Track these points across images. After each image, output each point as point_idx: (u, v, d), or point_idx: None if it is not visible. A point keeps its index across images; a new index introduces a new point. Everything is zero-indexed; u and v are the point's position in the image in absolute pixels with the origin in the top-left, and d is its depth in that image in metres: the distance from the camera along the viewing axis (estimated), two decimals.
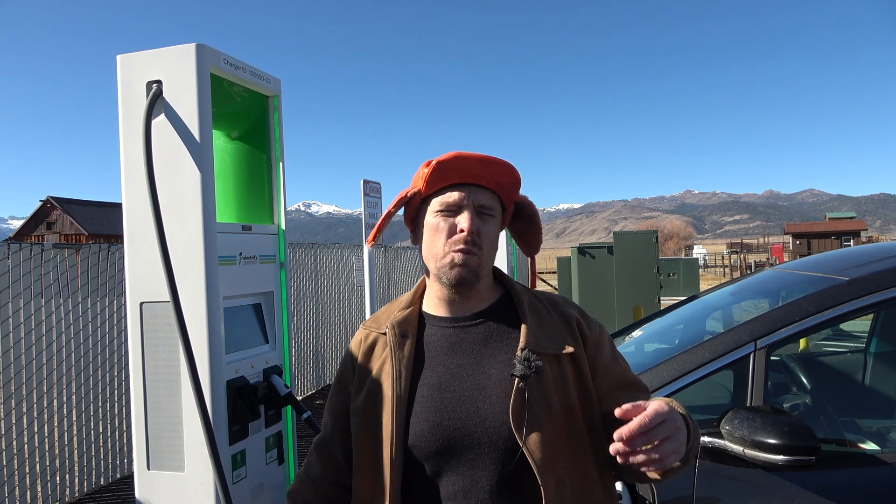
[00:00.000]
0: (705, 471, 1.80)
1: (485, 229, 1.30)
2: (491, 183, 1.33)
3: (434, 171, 1.30)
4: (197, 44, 1.96)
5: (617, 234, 9.03)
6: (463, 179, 1.31)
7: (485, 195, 1.32)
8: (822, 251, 8.78)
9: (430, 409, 1.26)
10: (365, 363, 1.38)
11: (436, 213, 1.32)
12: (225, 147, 2.42)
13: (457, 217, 1.30)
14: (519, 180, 1.36)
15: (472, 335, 1.32)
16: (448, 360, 1.30)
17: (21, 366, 4.30)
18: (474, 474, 1.22)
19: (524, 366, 1.22)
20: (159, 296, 1.97)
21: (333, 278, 8.98)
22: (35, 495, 4.42)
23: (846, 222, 69.21)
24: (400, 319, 1.36)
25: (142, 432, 2.02)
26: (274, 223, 2.38)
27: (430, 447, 1.24)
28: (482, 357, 1.29)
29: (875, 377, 2.83)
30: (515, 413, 1.20)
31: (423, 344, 1.34)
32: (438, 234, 1.31)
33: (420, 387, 1.29)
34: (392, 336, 1.33)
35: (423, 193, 1.34)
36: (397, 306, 1.42)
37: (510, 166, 1.34)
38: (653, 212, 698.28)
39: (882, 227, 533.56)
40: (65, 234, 46.85)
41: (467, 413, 1.24)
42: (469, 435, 1.23)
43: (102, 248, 4.99)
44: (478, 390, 1.26)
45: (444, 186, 1.32)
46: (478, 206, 1.31)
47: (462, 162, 1.29)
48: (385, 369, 1.32)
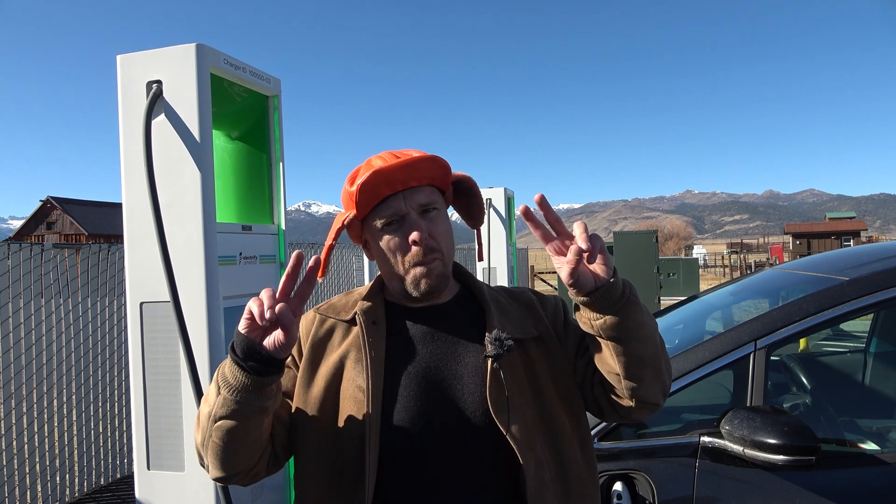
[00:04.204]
0: (705, 471, 1.80)
1: (436, 227, 1.26)
2: (421, 180, 1.26)
3: (360, 195, 1.23)
4: (197, 44, 1.96)
5: (617, 234, 9.03)
6: (393, 190, 1.24)
7: (421, 193, 1.26)
8: (822, 251, 8.78)
9: (409, 399, 1.21)
10: (320, 349, 1.29)
11: (381, 230, 1.26)
12: (225, 147, 2.42)
13: (403, 227, 1.24)
14: (447, 166, 1.29)
15: (443, 325, 1.29)
16: (422, 349, 1.26)
17: (21, 366, 4.30)
18: (456, 465, 1.19)
19: (495, 345, 1.20)
20: (159, 296, 1.97)
21: (333, 278, 8.98)
22: (35, 495, 4.41)
23: (846, 222, 69.20)
24: (368, 308, 1.29)
25: (142, 432, 2.02)
26: (274, 223, 2.38)
27: (411, 439, 1.19)
28: (456, 346, 1.27)
29: (875, 377, 2.83)
30: (493, 395, 1.19)
31: (393, 334, 1.29)
32: (393, 252, 1.25)
33: (394, 376, 1.24)
34: (363, 323, 1.26)
35: (360, 216, 1.28)
36: (357, 297, 1.35)
37: (433, 158, 1.26)
38: (653, 212, 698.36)
39: (882, 227, 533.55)
40: (65, 234, 46.84)
41: (447, 403, 1.21)
42: (451, 425, 1.20)
43: (102, 248, 4.99)
44: (455, 379, 1.23)
45: (378, 203, 1.26)
46: (419, 208, 1.25)
47: (385, 175, 1.22)
48: (351, 357, 1.25)
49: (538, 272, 20.00)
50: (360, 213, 1.27)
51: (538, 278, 19.76)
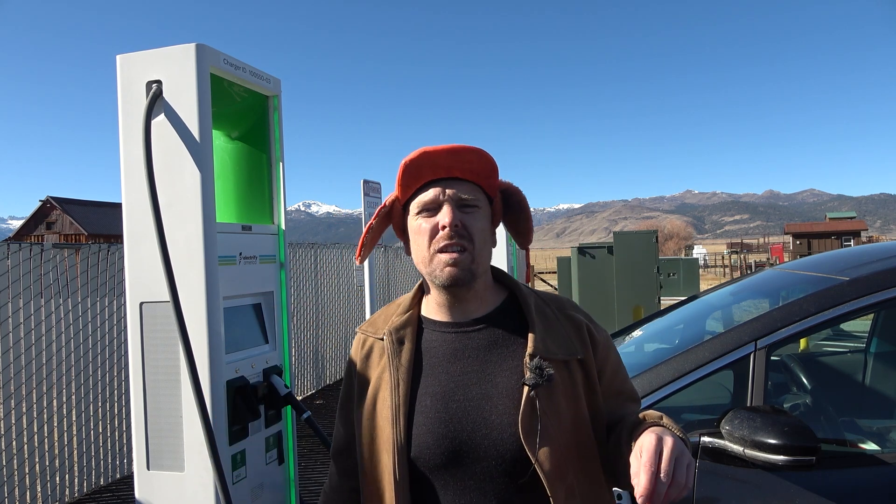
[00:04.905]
0: (705, 471, 1.80)
1: (471, 222, 1.23)
2: (465, 172, 1.25)
3: (404, 172, 1.24)
4: (197, 44, 1.96)
5: (617, 234, 9.03)
6: (436, 175, 1.24)
7: (463, 186, 1.25)
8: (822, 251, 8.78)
9: (435, 420, 1.20)
10: (364, 370, 1.33)
11: (416, 216, 1.26)
12: (225, 147, 2.42)
13: (437, 215, 1.24)
14: (494, 165, 1.28)
15: (475, 341, 1.26)
16: (451, 367, 1.24)
17: (21, 366, 4.30)
18: (482, 486, 1.18)
19: (535, 374, 1.16)
20: (159, 296, 1.97)
21: (333, 278, 8.98)
22: (35, 495, 4.42)
23: (846, 222, 69.21)
24: (397, 325, 1.30)
25: (142, 432, 2.02)
26: (274, 223, 2.38)
27: (435, 459, 1.19)
28: (487, 364, 1.23)
29: (875, 377, 2.83)
30: (525, 424, 1.15)
31: (421, 350, 1.28)
32: (421, 235, 1.24)
33: (421, 396, 1.23)
34: (389, 343, 1.27)
35: (402, 199, 1.29)
36: (395, 310, 1.35)
37: (481, 151, 1.25)
38: (653, 212, 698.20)
39: (882, 227, 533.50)
40: (65, 234, 46.84)
41: (474, 424, 1.19)
42: (476, 447, 1.18)
43: (102, 248, 4.99)
44: (484, 399, 1.20)
45: (419, 187, 1.26)
46: (457, 199, 1.24)
47: (430, 157, 1.22)
48: (385, 377, 1.27)
49: (538, 272, 20.00)
50: (402, 194, 1.28)
51: (538, 278, 19.76)
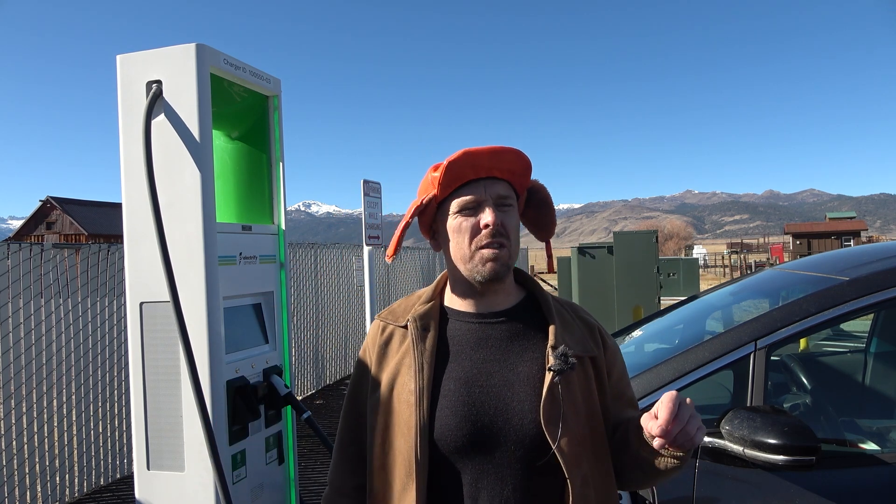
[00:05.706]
0: (705, 471, 1.80)
1: (508, 221, 1.30)
2: (504, 173, 1.32)
3: (447, 172, 1.28)
4: (197, 44, 1.96)
5: (617, 234, 9.02)
6: (477, 175, 1.30)
7: (500, 186, 1.31)
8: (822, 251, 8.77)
9: (458, 403, 1.25)
10: (382, 356, 1.37)
11: (456, 215, 1.31)
12: (225, 147, 2.42)
13: (478, 214, 1.29)
14: (529, 164, 1.34)
15: (497, 331, 1.31)
16: (474, 354, 1.29)
17: (21, 366, 4.30)
18: (499, 471, 1.22)
19: (560, 360, 1.22)
20: (159, 296, 1.97)
21: (333, 278, 8.98)
22: (35, 495, 4.41)
23: (846, 222, 69.22)
24: (422, 313, 1.35)
25: (142, 432, 2.02)
26: (274, 223, 2.38)
27: (456, 442, 1.23)
28: (508, 353, 1.29)
29: (875, 377, 2.83)
30: (546, 410, 1.21)
31: (446, 338, 1.33)
32: (462, 234, 1.29)
33: (445, 380, 1.28)
34: (414, 329, 1.32)
35: (439, 197, 1.33)
36: (416, 300, 1.40)
37: (518, 152, 1.32)
38: (653, 212, 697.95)
39: (882, 227, 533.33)
40: (65, 234, 46.84)
41: (495, 409, 1.24)
42: (497, 432, 1.23)
43: (102, 248, 4.99)
44: (505, 386, 1.26)
45: (458, 186, 1.31)
46: (496, 199, 1.30)
47: (472, 157, 1.28)
48: (406, 362, 1.31)
49: (538, 272, 20.01)
50: (441, 193, 1.32)
51: (538, 278, 19.79)
